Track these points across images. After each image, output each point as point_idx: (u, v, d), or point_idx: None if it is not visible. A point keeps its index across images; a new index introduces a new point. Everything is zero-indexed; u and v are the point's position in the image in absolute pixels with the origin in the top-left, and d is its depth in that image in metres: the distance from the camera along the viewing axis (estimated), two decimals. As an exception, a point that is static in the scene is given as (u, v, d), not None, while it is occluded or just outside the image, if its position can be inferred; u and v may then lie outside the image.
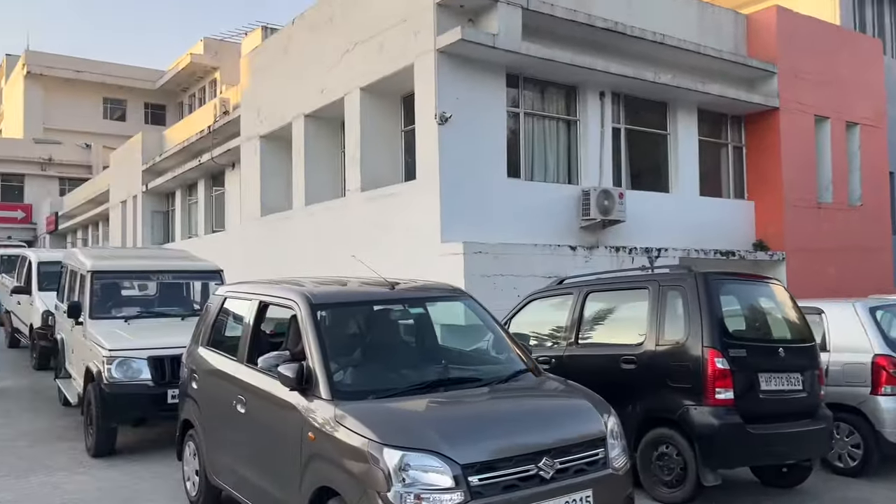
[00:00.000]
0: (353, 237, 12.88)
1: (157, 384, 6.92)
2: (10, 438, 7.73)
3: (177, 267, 8.74)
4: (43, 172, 44.73)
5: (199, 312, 8.36)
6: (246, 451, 4.59)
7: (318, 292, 4.53)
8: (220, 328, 5.51)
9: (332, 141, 15.06)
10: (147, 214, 25.68)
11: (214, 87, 40.54)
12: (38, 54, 45.50)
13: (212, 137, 19.77)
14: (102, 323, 7.72)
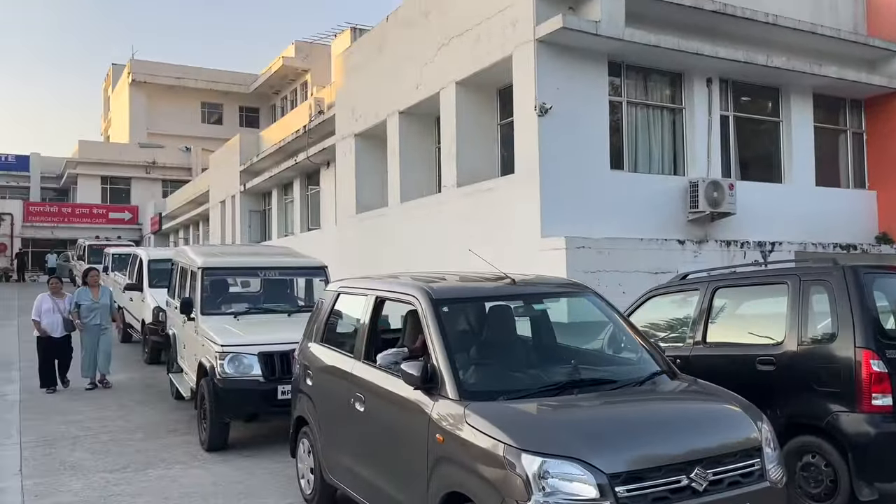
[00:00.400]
0: (449, 233, 12.75)
1: (267, 380, 6.94)
2: (128, 431, 7.96)
3: (283, 263, 8.80)
4: (147, 175, 46.99)
5: (305, 309, 8.44)
6: (365, 450, 4.46)
7: (439, 287, 4.35)
8: (333, 324, 5.42)
9: (427, 137, 14.99)
10: (245, 213, 26.44)
11: (305, 89, 41.46)
12: (141, 63, 47.79)
13: (307, 137, 20.10)
14: (213, 319, 7.83)
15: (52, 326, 10.22)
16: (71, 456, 6.95)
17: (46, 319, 10.23)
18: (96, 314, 10.47)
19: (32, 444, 7.35)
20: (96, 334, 10.44)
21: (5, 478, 6.29)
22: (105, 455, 6.98)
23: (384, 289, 4.72)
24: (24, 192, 47.08)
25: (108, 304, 10.72)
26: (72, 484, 6.12)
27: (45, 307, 10.28)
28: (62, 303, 10.42)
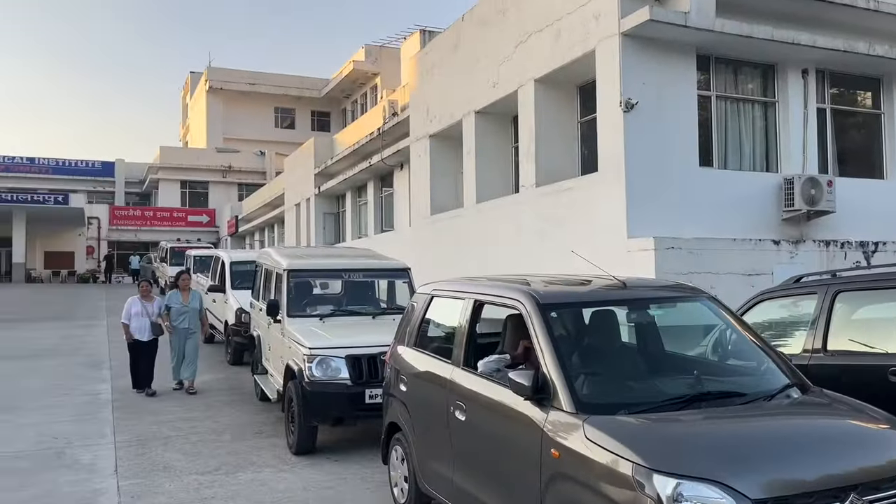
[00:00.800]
0: (527, 234, 12.50)
1: (354, 383, 6.85)
2: (216, 432, 8.02)
3: (367, 265, 8.73)
4: (224, 179, 48.33)
5: (389, 311, 8.34)
6: (466, 461, 4.27)
7: (545, 291, 4.12)
8: (427, 328, 5.26)
9: (503, 137, 14.78)
10: (319, 216, 26.79)
11: (375, 92, 41.84)
12: (217, 70, 49.17)
13: (381, 139, 20.16)
14: (299, 321, 7.81)
15: (140, 330, 10.23)
16: (163, 456, 7.03)
17: (135, 323, 10.22)
18: (185, 318, 10.42)
19: (126, 444, 7.47)
20: (184, 337, 10.41)
21: (103, 478, 6.39)
22: (196, 457, 7.03)
23: (484, 292, 4.53)
24: (110, 197, 49.10)
25: (197, 308, 10.64)
26: (166, 485, 6.16)
27: (134, 310, 10.27)
28: (151, 306, 10.39)
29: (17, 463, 6.82)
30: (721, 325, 4.26)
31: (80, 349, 14.51)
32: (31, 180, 45.76)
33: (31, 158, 47.93)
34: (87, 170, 49.31)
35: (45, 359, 13.34)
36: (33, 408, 9.34)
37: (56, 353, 13.97)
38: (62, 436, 7.85)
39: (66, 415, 8.93)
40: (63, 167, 48.43)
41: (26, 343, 15.38)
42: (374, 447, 7.13)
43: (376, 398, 6.83)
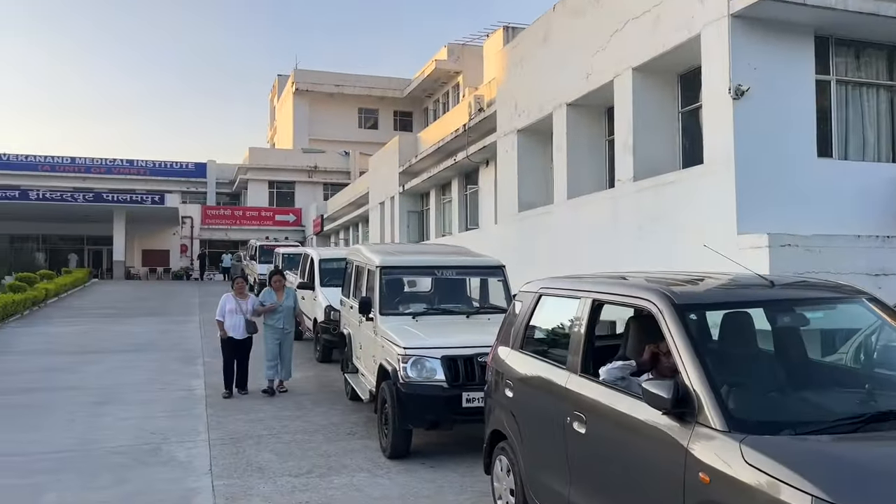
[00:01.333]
0: (623, 231, 11.90)
1: (451, 386, 6.52)
2: (308, 432, 7.86)
3: (460, 262, 8.40)
4: (309, 179, 49.26)
5: (484, 310, 7.98)
6: (585, 477, 3.86)
7: (682, 290, 3.65)
8: (535, 330, 4.86)
9: (596, 129, 14.19)
10: (403, 214, 26.75)
11: (458, 91, 41.67)
12: (304, 72, 50.16)
13: (466, 136, 19.86)
14: (392, 319, 7.56)
15: (235, 328, 9.94)
16: (257, 456, 6.90)
17: (229, 320, 9.95)
18: (280, 317, 10.11)
19: (220, 442, 7.40)
20: (279, 337, 10.10)
21: (198, 476, 6.29)
22: (289, 457, 6.87)
23: (604, 291, 4.09)
24: (202, 198, 50.83)
25: (291, 306, 10.30)
26: (260, 487, 5.99)
27: (228, 307, 9.99)
28: (245, 304, 10.07)
29: (116, 458, 6.84)
30: (890, 330, 3.67)
31: (175, 345, 14.83)
32: (130, 181, 47.89)
33: (129, 160, 50.15)
34: (181, 171, 51.22)
35: (144, 353, 13.67)
36: (133, 401, 9.47)
37: (153, 348, 14.31)
38: (159, 431, 7.87)
39: (162, 409, 9.00)
40: (159, 168, 50.46)
41: (127, 337, 15.86)
42: (472, 453, 6.80)
43: (474, 402, 6.49)
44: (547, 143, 16.22)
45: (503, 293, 8.16)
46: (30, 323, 18.39)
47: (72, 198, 35.68)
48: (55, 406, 9.16)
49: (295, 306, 10.41)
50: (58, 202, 35.31)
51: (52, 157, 48.93)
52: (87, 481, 6.16)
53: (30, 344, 14.71)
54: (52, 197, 35.48)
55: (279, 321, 10.12)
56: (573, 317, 4.24)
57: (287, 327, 10.18)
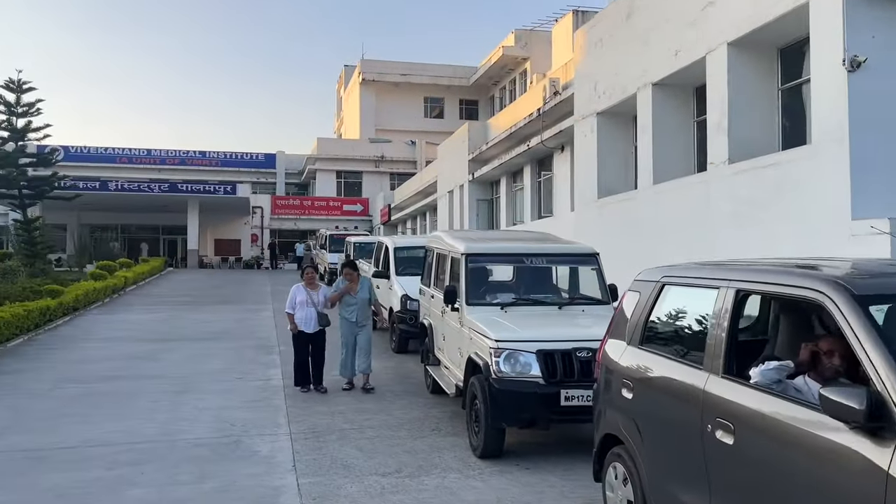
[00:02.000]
0: (717, 217, 11.16)
1: (547, 382, 6.04)
2: (391, 427, 7.51)
3: (552, 249, 7.89)
4: (376, 169, 49.37)
5: (577, 301, 7.46)
6: (736, 496, 3.33)
7: (861, 279, 3.08)
8: (658, 324, 4.33)
9: (684, 110, 13.41)
10: (473, 202, 26.31)
11: (525, 78, 40.93)
12: (371, 62, 50.22)
13: (541, 120, 19.23)
14: (479, 309, 7.13)
15: (306, 321, 9.29)
16: (341, 452, 6.59)
17: (300, 312, 9.30)
18: (354, 309, 9.39)
19: (302, 436, 7.13)
20: (354, 331, 9.39)
21: (282, 473, 6.02)
22: (374, 454, 6.53)
23: (754, 280, 3.52)
24: (271, 188, 51.57)
25: (367, 297, 9.55)
26: (347, 487, 5.66)
27: (298, 299, 9.32)
28: (316, 295, 9.39)
29: (198, 451, 6.63)
30: None
31: (250, 333, 14.80)
32: (203, 172, 48.88)
33: (202, 152, 51.26)
34: (251, 162, 52.07)
35: (220, 341, 13.66)
36: (211, 391, 9.34)
37: (229, 337, 14.30)
38: (239, 423, 7.67)
39: (240, 399, 8.83)
40: (230, 160, 51.41)
41: (202, 325, 15.95)
42: (569, 454, 6.34)
43: (574, 401, 6.00)
44: (629, 125, 15.52)
45: (597, 283, 7.62)
46: (111, 310, 18.77)
47: (148, 188, 36.63)
48: (136, 394, 9.10)
49: (371, 298, 9.70)
50: (135, 192, 36.30)
51: (129, 149, 50.41)
52: (170, 475, 5.97)
53: (111, 331, 14.93)
54: (129, 187, 36.50)
55: (353, 314, 9.41)
56: (711, 310, 3.69)
57: (361, 320, 9.47)
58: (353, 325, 9.42)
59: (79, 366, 11.11)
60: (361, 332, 9.44)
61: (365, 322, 9.55)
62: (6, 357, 11.85)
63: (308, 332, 9.35)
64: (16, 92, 24.51)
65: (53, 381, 9.95)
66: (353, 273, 9.60)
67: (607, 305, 7.43)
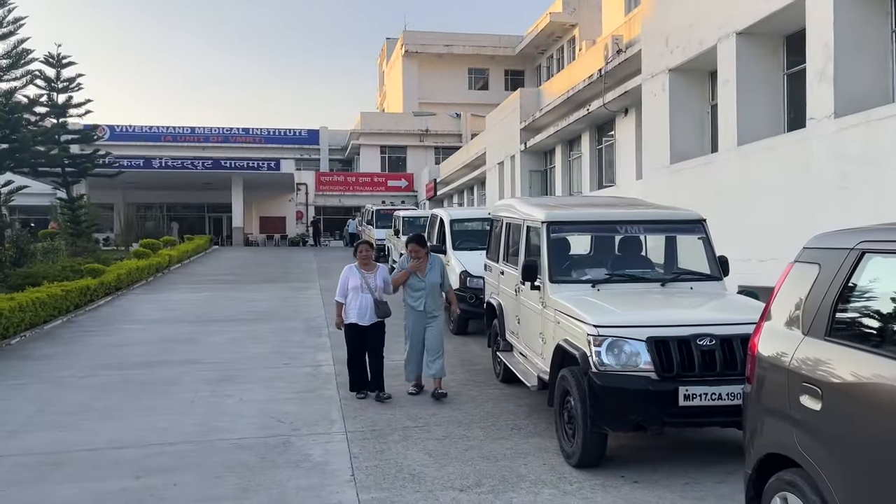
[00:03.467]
0: (819, 179, 9.78)
1: (662, 377, 4.88)
2: (462, 425, 6.46)
3: (651, 216, 6.66)
4: (421, 143, 48.26)
5: (683, 277, 6.27)
6: None
7: None
8: (857, 307, 3.14)
9: (772, 62, 11.96)
10: (525, 174, 25.02)
11: (573, 46, 39.33)
12: (413, 34, 48.99)
13: (603, 81, 17.80)
14: (566, 288, 5.99)
15: (360, 310, 7.37)
16: (406, 457, 5.56)
17: (353, 301, 7.40)
18: (422, 295, 7.47)
19: (360, 436, 6.13)
20: (422, 322, 7.51)
21: (339, 485, 5.02)
22: (445, 460, 5.48)
23: None
24: (315, 164, 50.87)
25: (437, 281, 7.57)
26: (419, 505, 4.62)
27: (352, 284, 7.42)
28: (373, 278, 7.47)
29: (240, 455, 5.67)
30: None
31: (297, 312, 13.92)
32: (246, 150, 48.38)
33: (245, 129, 50.77)
34: (294, 138, 51.43)
35: (265, 322, 12.81)
36: (256, 379, 8.43)
37: (275, 317, 13.45)
38: (287, 419, 6.71)
39: (289, 390, 7.88)
40: (273, 136, 50.84)
41: (247, 304, 15.15)
42: (688, 464, 5.20)
43: (694, 399, 4.85)
44: (704, 82, 14.11)
45: (704, 254, 6.39)
46: (154, 290, 18.14)
47: (192, 165, 36.14)
48: (174, 383, 8.23)
49: (444, 282, 7.70)
50: (179, 169, 35.86)
51: (173, 127, 50.19)
52: (207, 487, 5.01)
53: (152, 312, 14.21)
54: (173, 165, 36.07)
55: (420, 301, 7.48)
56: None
57: (432, 310, 7.52)
58: (420, 316, 7.52)
59: (115, 350, 10.32)
60: (431, 324, 7.52)
61: (436, 312, 7.60)
62: (40, 340, 11.16)
63: (363, 324, 7.40)
64: (55, 67, 23.96)
65: (86, 367, 9.16)
66: (421, 250, 7.55)
67: (719, 281, 6.22)
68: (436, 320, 7.58)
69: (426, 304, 7.50)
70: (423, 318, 7.52)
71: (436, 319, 7.58)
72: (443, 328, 7.74)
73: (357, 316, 7.44)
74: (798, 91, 11.87)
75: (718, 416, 4.88)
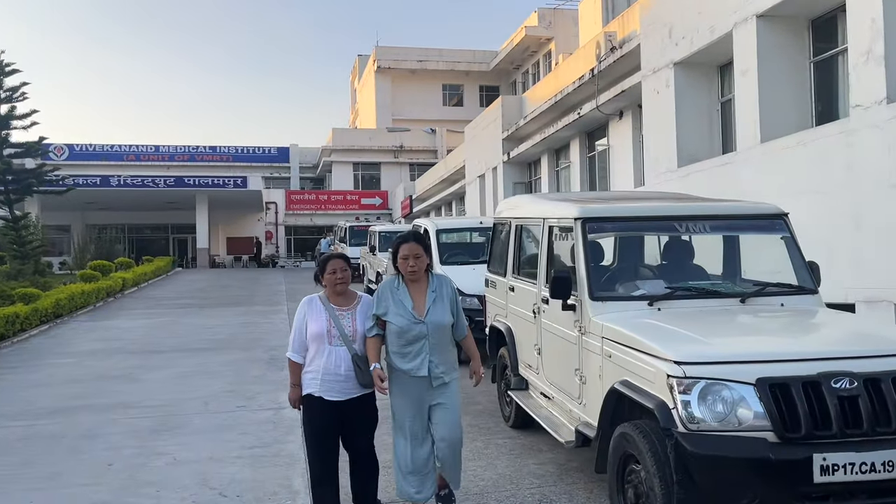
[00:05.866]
0: (865, 180, 8.39)
1: (784, 440, 3.25)
2: (472, 497, 4.74)
3: (718, 210, 5.03)
4: (395, 160, 46.73)
5: (770, 290, 4.68)
6: None
7: None
8: None
9: (797, 48, 10.62)
10: (508, 186, 23.50)
11: (549, 60, 38.45)
12: (385, 49, 47.83)
13: (595, 81, 16.38)
14: (613, 307, 4.36)
15: (330, 377, 4.17)
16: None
17: (319, 359, 4.20)
18: (422, 349, 4.19)
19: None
20: (424, 399, 4.24)
21: None
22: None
23: None
24: (286, 183, 48.98)
25: (446, 321, 4.25)
26: None
27: (313, 328, 4.22)
28: (350, 317, 4.28)
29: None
30: None
31: (259, 341, 12.11)
32: (213, 168, 46.32)
33: (212, 147, 48.77)
34: (263, 156, 49.60)
35: (221, 352, 10.99)
36: (199, 428, 6.65)
37: (232, 345, 11.63)
38: (231, 489, 4.95)
39: (239, 444, 6.11)
40: (242, 154, 48.93)
41: (203, 332, 13.29)
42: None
43: (837, 473, 3.21)
44: (713, 77, 12.78)
45: (789, 259, 4.80)
46: (100, 316, 16.17)
47: (153, 183, 34.09)
48: (93, 437, 6.43)
49: (457, 320, 4.34)
50: (139, 188, 33.78)
51: (135, 146, 48.08)
52: None
53: (91, 342, 12.29)
54: (133, 183, 33.99)
55: (419, 360, 4.19)
56: None
57: (441, 373, 4.22)
58: (420, 387, 4.21)
59: (29, 392, 8.43)
60: (442, 403, 4.25)
61: (447, 377, 4.26)
62: (-55, 380, 9.24)
63: (336, 399, 4.18)
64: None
65: (-13, 416, 7.29)
66: (422, 258, 4.27)
67: (814, 295, 4.63)
68: (448, 388, 4.24)
69: (430, 364, 4.15)
70: (426, 390, 4.19)
71: (448, 387, 4.24)
72: (460, 402, 4.36)
73: (323, 384, 4.14)
74: (827, 80, 10.53)
75: (877, 499, 3.25)
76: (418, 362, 4.16)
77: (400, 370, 4.19)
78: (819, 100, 10.61)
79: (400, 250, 4.29)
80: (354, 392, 4.18)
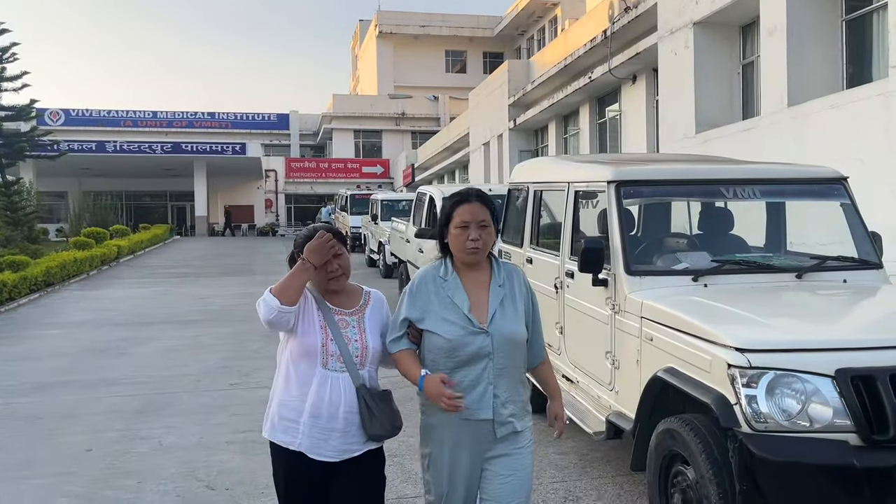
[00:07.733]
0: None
1: (870, 443, 2.73)
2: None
3: (770, 173, 4.43)
4: (397, 127, 45.90)
5: (831, 265, 4.12)
6: None
7: None
8: None
9: (828, 4, 9.93)
10: (514, 154, 22.80)
11: (554, 26, 37.49)
12: (387, 13, 46.78)
13: (608, 44, 15.64)
14: (653, 282, 3.82)
15: (316, 423, 2.56)
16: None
17: (299, 388, 2.60)
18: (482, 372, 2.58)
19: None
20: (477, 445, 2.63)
21: None
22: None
23: None
24: (286, 150, 48.22)
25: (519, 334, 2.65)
26: None
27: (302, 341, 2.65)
28: (356, 324, 2.69)
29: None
30: None
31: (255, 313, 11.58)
32: (212, 135, 45.55)
33: (211, 113, 47.93)
34: (263, 123, 48.76)
35: (217, 324, 10.50)
36: (189, 409, 6.16)
37: (230, 317, 11.13)
38: (219, 482, 4.47)
39: (230, 428, 5.62)
40: (241, 121, 48.10)
41: (199, 302, 12.80)
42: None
43: (934, 483, 2.67)
44: (735, 38, 12.12)
45: (848, 229, 4.24)
46: (93, 285, 15.67)
47: (149, 149, 33.39)
48: (73, 417, 5.95)
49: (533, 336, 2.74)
50: (135, 153, 33.10)
51: (133, 111, 47.22)
52: None
53: (81, 312, 11.81)
54: (129, 149, 33.29)
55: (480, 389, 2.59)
56: None
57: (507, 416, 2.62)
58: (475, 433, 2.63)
59: (11, 367, 7.94)
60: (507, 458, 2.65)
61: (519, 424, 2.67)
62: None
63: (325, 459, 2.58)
64: (-15, 35, 21.24)
65: (-39, 393, 6.81)
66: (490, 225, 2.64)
67: (878, 270, 4.08)
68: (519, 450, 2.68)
69: (495, 402, 2.61)
70: (484, 441, 2.64)
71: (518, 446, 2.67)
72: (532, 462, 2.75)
73: (309, 432, 2.58)
74: (858, 40, 9.88)
75: None
76: (476, 396, 2.57)
77: (443, 410, 2.52)
78: (850, 61, 9.97)
79: (455, 213, 2.62)
80: (355, 448, 2.60)
